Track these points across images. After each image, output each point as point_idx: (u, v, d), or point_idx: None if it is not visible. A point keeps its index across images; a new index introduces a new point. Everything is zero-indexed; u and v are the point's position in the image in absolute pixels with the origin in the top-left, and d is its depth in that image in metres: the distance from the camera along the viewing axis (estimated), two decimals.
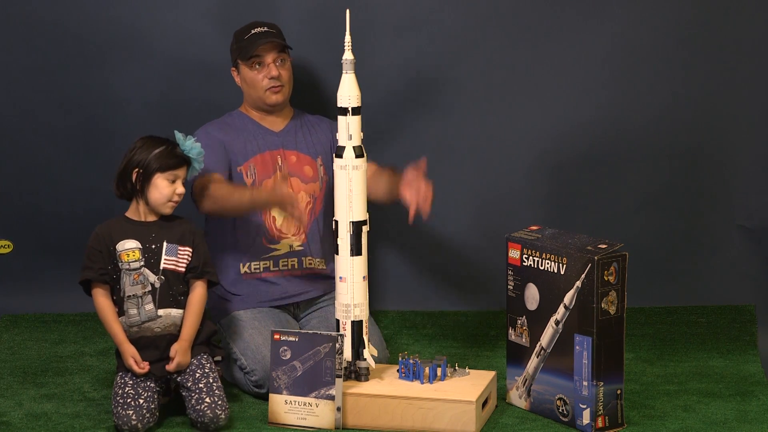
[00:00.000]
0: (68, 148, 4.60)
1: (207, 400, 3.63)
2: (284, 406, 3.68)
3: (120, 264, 3.72)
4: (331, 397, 3.65)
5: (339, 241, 3.73)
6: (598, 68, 4.47)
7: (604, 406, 3.61)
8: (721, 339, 4.39)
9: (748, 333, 4.42)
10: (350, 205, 3.71)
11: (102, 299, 3.73)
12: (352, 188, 3.71)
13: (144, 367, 3.67)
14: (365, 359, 3.75)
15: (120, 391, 3.65)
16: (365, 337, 3.76)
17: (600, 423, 3.61)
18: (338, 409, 3.65)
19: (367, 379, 3.75)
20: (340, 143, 3.71)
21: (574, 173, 4.53)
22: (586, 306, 3.57)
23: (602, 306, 3.57)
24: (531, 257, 3.72)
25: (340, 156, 3.71)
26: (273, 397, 3.70)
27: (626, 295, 3.61)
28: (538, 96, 4.50)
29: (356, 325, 3.75)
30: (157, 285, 3.74)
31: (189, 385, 3.68)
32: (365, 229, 3.74)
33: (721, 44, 4.46)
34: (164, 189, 3.75)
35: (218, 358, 3.80)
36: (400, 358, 3.78)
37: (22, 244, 4.70)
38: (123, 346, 3.69)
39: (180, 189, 3.77)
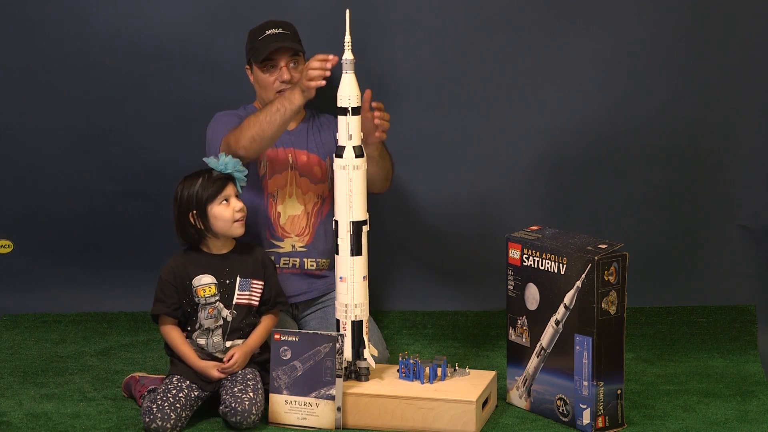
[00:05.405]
0: (68, 148, 4.60)
1: (250, 394, 3.63)
2: (284, 406, 3.68)
3: (196, 299, 3.74)
4: (332, 397, 3.65)
5: (339, 241, 3.73)
6: (599, 68, 4.47)
7: (604, 406, 3.61)
8: (721, 339, 4.39)
9: (748, 333, 4.42)
10: (350, 205, 3.71)
11: (172, 332, 3.76)
12: (352, 188, 3.71)
13: (228, 368, 3.70)
14: (365, 359, 3.75)
15: (175, 392, 3.65)
16: (365, 337, 3.76)
17: (600, 423, 3.61)
18: (338, 409, 3.65)
19: (367, 379, 3.75)
20: (340, 143, 3.71)
21: (574, 173, 4.53)
22: (586, 306, 3.57)
23: (602, 306, 3.56)
24: (531, 257, 3.72)
25: (340, 156, 3.71)
26: (273, 397, 3.70)
27: (626, 295, 3.61)
28: (538, 96, 4.50)
29: (356, 325, 3.75)
30: (229, 319, 3.76)
31: (237, 378, 3.68)
32: (365, 229, 3.74)
33: (721, 44, 4.45)
34: (223, 214, 3.75)
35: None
36: (400, 358, 3.78)
37: (22, 244, 4.70)
38: (199, 365, 3.71)
39: (237, 205, 3.77)
